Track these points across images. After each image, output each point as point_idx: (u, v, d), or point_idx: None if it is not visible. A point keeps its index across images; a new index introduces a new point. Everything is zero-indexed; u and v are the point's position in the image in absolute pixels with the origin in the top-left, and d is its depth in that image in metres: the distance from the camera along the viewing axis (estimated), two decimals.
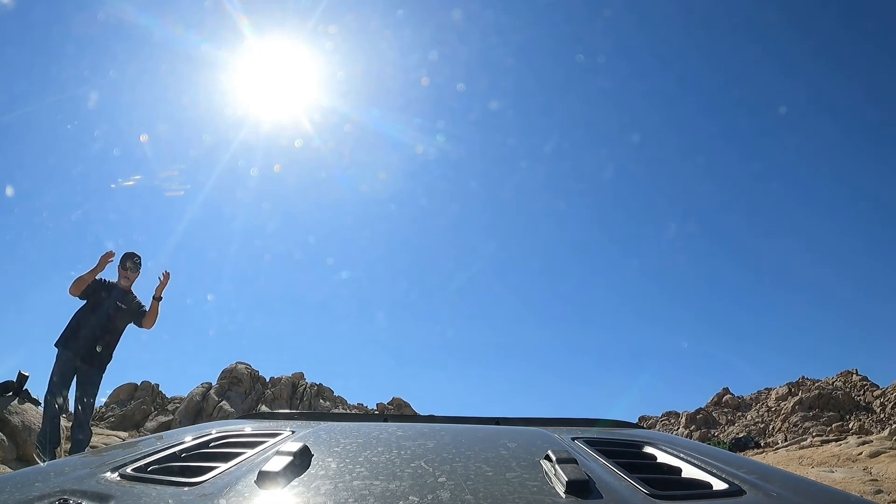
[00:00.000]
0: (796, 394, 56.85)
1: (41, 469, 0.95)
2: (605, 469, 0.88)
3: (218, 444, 1.07)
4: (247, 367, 52.79)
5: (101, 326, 4.77)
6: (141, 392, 53.33)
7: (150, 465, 0.93)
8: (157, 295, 4.96)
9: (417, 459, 0.87)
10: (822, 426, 50.05)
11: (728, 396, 62.86)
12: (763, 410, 58.20)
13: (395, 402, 47.79)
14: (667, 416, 65.28)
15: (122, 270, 4.99)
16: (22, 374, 5.86)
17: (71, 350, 4.64)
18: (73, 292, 4.77)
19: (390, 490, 0.73)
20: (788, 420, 54.21)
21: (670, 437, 1.24)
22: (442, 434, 1.09)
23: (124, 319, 4.94)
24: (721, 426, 58.38)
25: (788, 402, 56.22)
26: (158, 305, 4.97)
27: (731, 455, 1.07)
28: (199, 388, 51.54)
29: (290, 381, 50.93)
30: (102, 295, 4.86)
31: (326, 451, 0.93)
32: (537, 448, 0.97)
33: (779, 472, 0.96)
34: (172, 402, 51.61)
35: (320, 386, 49.98)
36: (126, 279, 4.98)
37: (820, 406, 54.58)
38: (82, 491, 0.79)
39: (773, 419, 56.09)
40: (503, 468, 0.85)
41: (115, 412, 48.91)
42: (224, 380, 50.82)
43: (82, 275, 4.75)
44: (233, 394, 49.49)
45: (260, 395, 49.58)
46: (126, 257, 5.03)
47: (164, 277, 4.96)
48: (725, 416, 59.78)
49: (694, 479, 0.89)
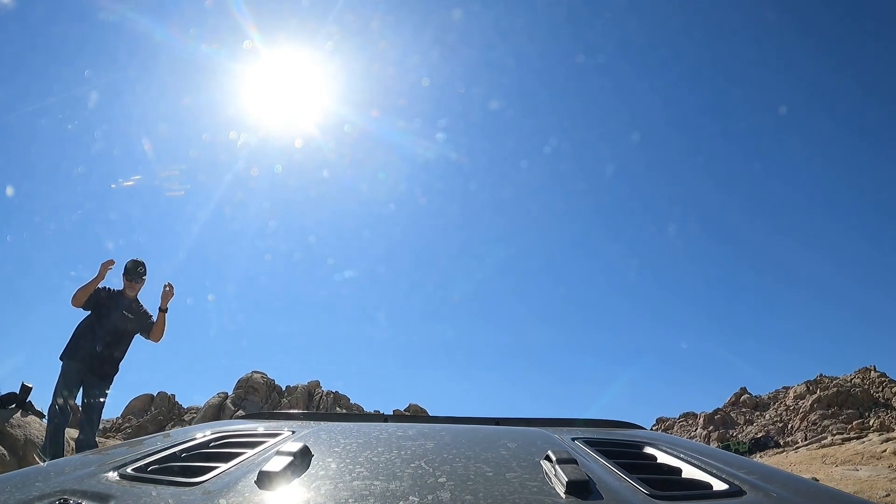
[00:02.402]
0: (814, 392, 56.35)
1: (41, 469, 0.95)
2: (605, 469, 0.88)
3: (218, 444, 1.07)
4: (262, 376, 52.90)
5: (107, 337, 4.61)
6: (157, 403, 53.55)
7: (151, 465, 0.93)
8: (163, 307, 4.81)
9: (417, 460, 0.87)
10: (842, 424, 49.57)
11: (746, 396, 62.29)
12: (781, 409, 57.70)
13: (411, 409, 47.69)
14: (684, 418, 64.85)
15: (126, 280, 4.81)
16: (25, 385, 5.64)
17: (77, 361, 4.49)
18: (75, 304, 4.60)
19: (390, 490, 0.73)
20: (807, 419, 53.77)
21: (670, 438, 1.23)
22: (442, 434, 1.09)
23: (131, 329, 4.79)
24: (739, 426, 57.89)
25: (807, 401, 55.74)
26: (165, 317, 4.81)
27: (731, 455, 1.06)
28: (216, 398, 51.65)
29: (306, 389, 50.99)
30: (108, 305, 4.70)
31: (327, 452, 0.93)
32: (537, 448, 0.96)
33: (779, 472, 0.96)
34: (189, 412, 51.78)
35: (336, 394, 49.98)
36: (131, 289, 4.82)
37: (839, 404, 54.09)
38: (83, 491, 0.79)
39: (791, 418, 55.62)
40: (503, 468, 0.84)
41: (132, 423, 49.05)
42: (240, 389, 50.93)
43: (83, 285, 4.59)
44: (249, 403, 49.57)
45: (276, 403, 49.62)
46: (130, 266, 4.84)
47: (169, 289, 4.82)
48: (744, 416, 59.26)
49: (694, 480, 0.88)
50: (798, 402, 56.53)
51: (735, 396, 63.01)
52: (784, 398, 59.06)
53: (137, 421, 49.82)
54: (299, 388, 51.57)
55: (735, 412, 60.62)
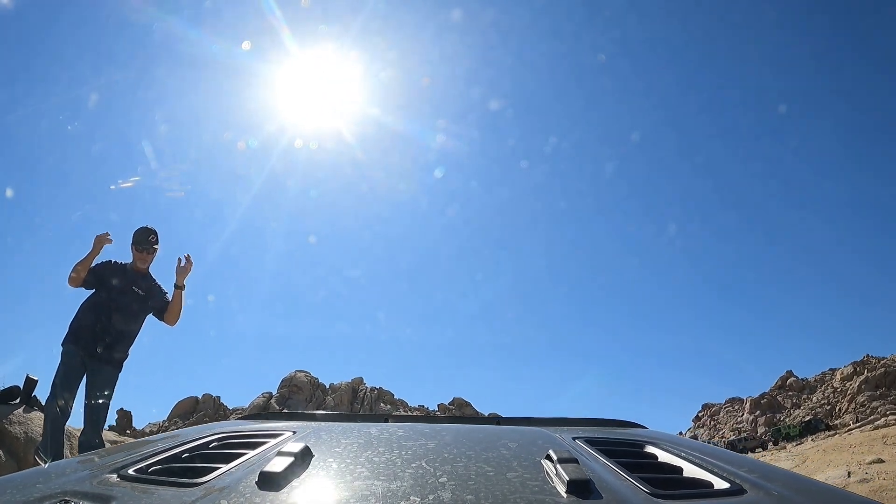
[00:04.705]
0: (861, 373, 55.33)
1: (42, 470, 0.95)
2: (606, 469, 0.88)
3: (219, 444, 1.07)
4: (306, 375, 53.08)
5: (114, 316, 4.02)
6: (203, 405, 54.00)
7: (152, 465, 0.92)
8: (179, 283, 4.19)
9: (418, 460, 0.86)
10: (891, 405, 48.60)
11: (792, 379, 61.41)
12: (828, 392, 56.75)
13: (455, 402, 47.59)
14: (730, 403, 64.14)
15: (135, 250, 4.17)
16: (30, 378, 5.12)
17: (79, 347, 3.91)
18: (72, 284, 3.99)
19: (391, 490, 0.73)
20: (855, 400, 52.76)
21: (671, 437, 1.22)
22: (443, 434, 1.09)
23: (142, 307, 4.17)
24: (786, 410, 57.08)
25: (854, 382, 54.73)
26: (182, 295, 4.19)
27: (732, 454, 1.06)
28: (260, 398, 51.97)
29: (349, 386, 51.07)
30: (114, 281, 4.09)
31: (327, 452, 0.92)
32: (538, 448, 0.96)
33: (780, 471, 0.95)
34: (234, 413, 52.16)
35: (380, 390, 50.01)
36: (142, 261, 4.18)
37: (887, 384, 53.00)
38: (83, 492, 0.78)
39: (839, 400, 54.65)
40: (504, 468, 0.84)
41: (178, 425, 49.64)
42: (284, 388, 51.25)
43: (78, 262, 3.99)
44: (293, 402, 49.77)
45: (320, 401, 49.82)
46: (140, 234, 4.18)
47: (186, 262, 4.21)
48: (790, 400, 58.41)
49: (695, 479, 0.88)
50: (845, 384, 55.46)
51: (781, 380, 62.11)
52: (831, 380, 58.01)
53: (184, 423, 50.34)
54: (343, 386, 51.68)
55: (782, 396, 59.72)
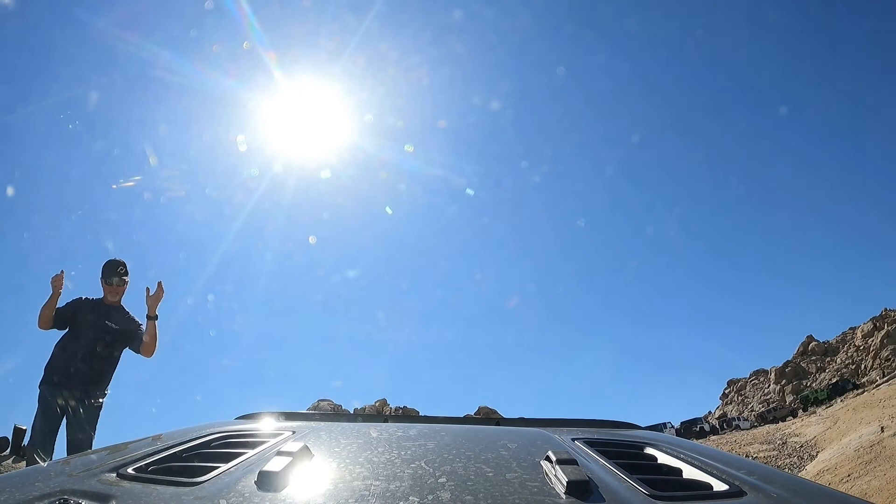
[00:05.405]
0: (882, 328, 54.93)
1: (41, 469, 0.95)
2: (605, 470, 0.88)
3: (218, 444, 1.07)
4: (329, 403, 52.96)
5: (89, 354, 3.94)
6: None
7: (151, 465, 0.92)
8: (151, 313, 4.07)
9: (418, 460, 0.87)
10: None
11: (813, 344, 61.01)
12: (852, 351, 56.37)
13: (481, 412, 47.36)
14: (755, 375, 63.79)
15: (105, 284, 4.09)
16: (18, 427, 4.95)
17: (54, 387, 3.84)
18: (41, 327, 3.96)
19: (390, 490, 0.73)
20: (879, 356, 52.39)
21: (670, 438, 1.23)
22: (442, 435, 1.09)
23: (117, 342, 4.09)
24: (812, 375, 56.77)
25: (876, 338, 54.33)
26: (155, 325, 4.08)
27: (731, 456, 1.06)
28: None
29: (374, 409, 50.88)
30: (87, 318, 4.01)
31: (327, 452, 0.93)
32: (537, 449, 0.96)
33: (779, 473, 0.96)
34: None
35: (405, 409, 49.78)
36: (112, 293, 4.10)
37: None
38: (82, 491, 0.78)
39: (863, 358, 54.29)
40: (503, 469, 0.85)
41: None
42: None
43: (43, 306, 3.92)
44: None
45: None
46: (108, 267, 4.10)
47: (157, 290, 4.09)
48: (815, 365, 58.03)
49: (694, 481, 0.88)
50: (867, 341, 55.06)
51: (802, 346, 61.66)
52: (852, 339, 57.56)
53: None
54: (367, 410, 51.56)
55: (805, 361, 59.31)
